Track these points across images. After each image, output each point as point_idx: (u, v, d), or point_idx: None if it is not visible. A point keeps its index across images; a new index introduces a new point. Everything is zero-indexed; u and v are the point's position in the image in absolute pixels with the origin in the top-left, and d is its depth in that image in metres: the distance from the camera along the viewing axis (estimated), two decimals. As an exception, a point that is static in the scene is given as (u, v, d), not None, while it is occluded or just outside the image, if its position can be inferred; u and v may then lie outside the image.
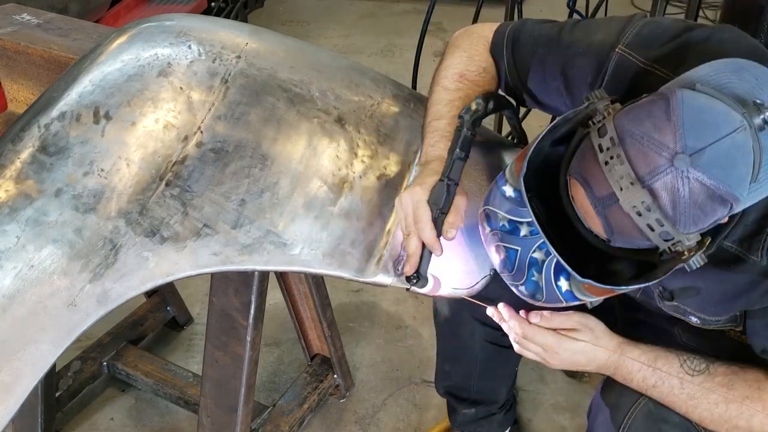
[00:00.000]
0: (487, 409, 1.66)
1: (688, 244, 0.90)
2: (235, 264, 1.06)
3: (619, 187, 0.89)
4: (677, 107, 0.88)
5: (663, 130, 0.88)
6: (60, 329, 0.99)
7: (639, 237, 0.91)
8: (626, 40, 1.09)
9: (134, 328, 1.99)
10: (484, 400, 1.64)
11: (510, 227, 1.03)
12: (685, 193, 0.87)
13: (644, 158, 0.88)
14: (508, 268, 1.05)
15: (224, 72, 1.16)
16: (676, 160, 0.86)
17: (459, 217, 1.09)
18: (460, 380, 1.61)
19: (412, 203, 1.07)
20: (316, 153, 1.15)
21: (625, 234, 0.92)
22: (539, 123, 2.98)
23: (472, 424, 1.68)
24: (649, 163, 0.87)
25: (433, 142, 1.15)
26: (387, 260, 1.11)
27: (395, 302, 2.26)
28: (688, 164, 0.86)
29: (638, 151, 0.88)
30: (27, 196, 1.05)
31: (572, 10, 2.47)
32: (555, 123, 0.98)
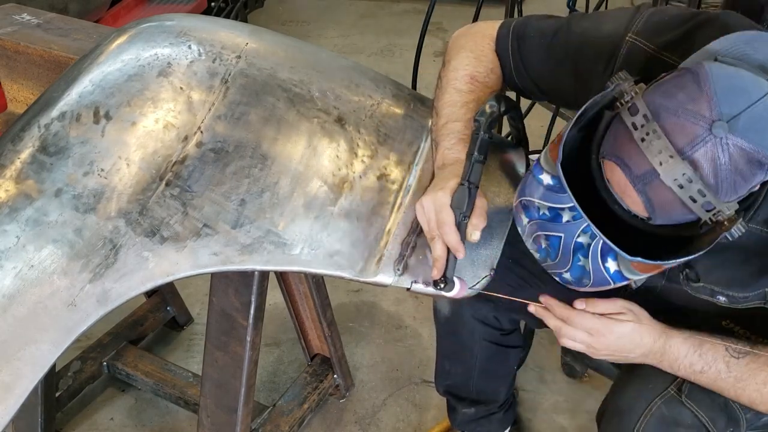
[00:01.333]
0: (486, 409, 1.66)
1: (728, 213, 0.91)
2: (235, 264, 1.06)
3: (658, 162, 0.89)
4: (707, 78, 0.89)
5: (697, 100, 0.89)
6: (60, 329, 0.99)
7: (681, 210, 0.91)
8: (636, 29, 1.11)
9: (134, 328, 1.99)
10: (483, 400, 1.64)
11: (551, 215, 1.03)
12: (725, 160, 0.88)
13: (682, 130, 0.89)
14: (552, 256, 1.04)
15: (224, 72, 1.16)
16: (715, 128, 0.87)
17: (482, 220, 1.09)
18: (459, 379, 1.61)
19: (434, 207, 1.07)
20: (316, 153, 1.15)
21: (666, 209, 0.93)
22: (539, 123, 2.98)
23: (472, 423, 1.68)
24: (687, 134, 0.88)
25: (450, 144, 1.15)
26: (387, 260, 1.11)
27: (395, 302, 2.26)
28: (726, 131, 0.87)
29: (675, 124, 0.89)
30: (27, 196, 1.05)
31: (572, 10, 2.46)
32: (583, 108, 0.98)
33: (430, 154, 1.20)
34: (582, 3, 2.52)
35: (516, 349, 1.59)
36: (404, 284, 1.11)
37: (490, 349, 1.53)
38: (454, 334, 1.54)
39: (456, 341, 1.55)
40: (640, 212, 0.97)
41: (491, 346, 1.53)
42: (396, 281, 1.11)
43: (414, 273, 1.11)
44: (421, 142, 1.23)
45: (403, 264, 1.12)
